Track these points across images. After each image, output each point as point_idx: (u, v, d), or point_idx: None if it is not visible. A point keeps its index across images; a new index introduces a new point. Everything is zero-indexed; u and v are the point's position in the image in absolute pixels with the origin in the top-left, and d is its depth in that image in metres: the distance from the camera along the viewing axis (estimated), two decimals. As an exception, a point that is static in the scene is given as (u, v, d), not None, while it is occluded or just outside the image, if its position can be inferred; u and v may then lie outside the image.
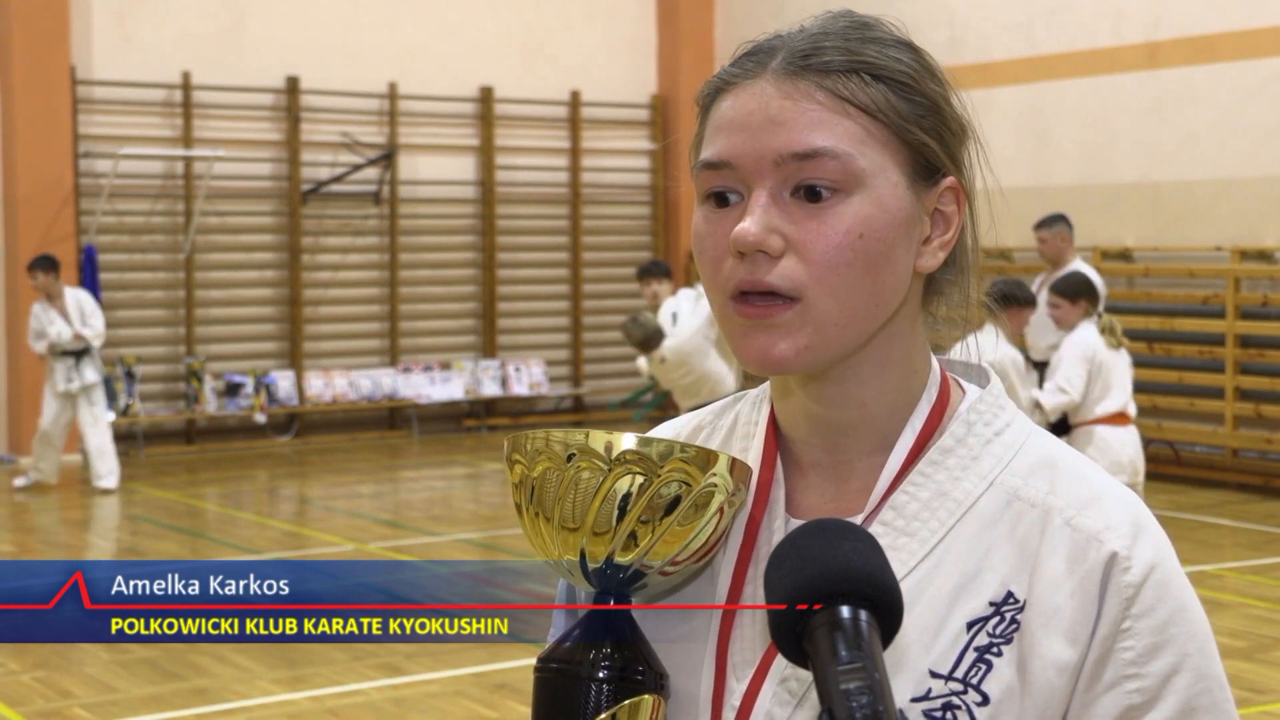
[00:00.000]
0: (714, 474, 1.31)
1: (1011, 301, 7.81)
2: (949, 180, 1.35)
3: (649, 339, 9.66)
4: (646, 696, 1.32)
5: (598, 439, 1.30)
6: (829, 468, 1.39)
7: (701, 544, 1.33)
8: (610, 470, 1.29)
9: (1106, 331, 7.85)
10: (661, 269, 10.85)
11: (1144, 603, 1.28)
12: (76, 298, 11.50)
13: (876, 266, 1.30)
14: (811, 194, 1.29)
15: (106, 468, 11.38)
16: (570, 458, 1.30)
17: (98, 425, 11.40)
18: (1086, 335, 7.79)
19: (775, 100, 1.30)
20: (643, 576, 1.33)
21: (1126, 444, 7.79)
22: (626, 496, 1.29)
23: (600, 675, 1.30)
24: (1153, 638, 1.27)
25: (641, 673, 1.32)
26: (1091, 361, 7.75)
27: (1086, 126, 12.53)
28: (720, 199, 1.33)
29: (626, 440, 1.30)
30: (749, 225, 1.28)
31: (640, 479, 1.29)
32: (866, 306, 1.30)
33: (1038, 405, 7.76)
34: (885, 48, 1.33)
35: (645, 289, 10.81)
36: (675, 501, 1.30)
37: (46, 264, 11.36)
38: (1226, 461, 11.52)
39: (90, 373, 11.45)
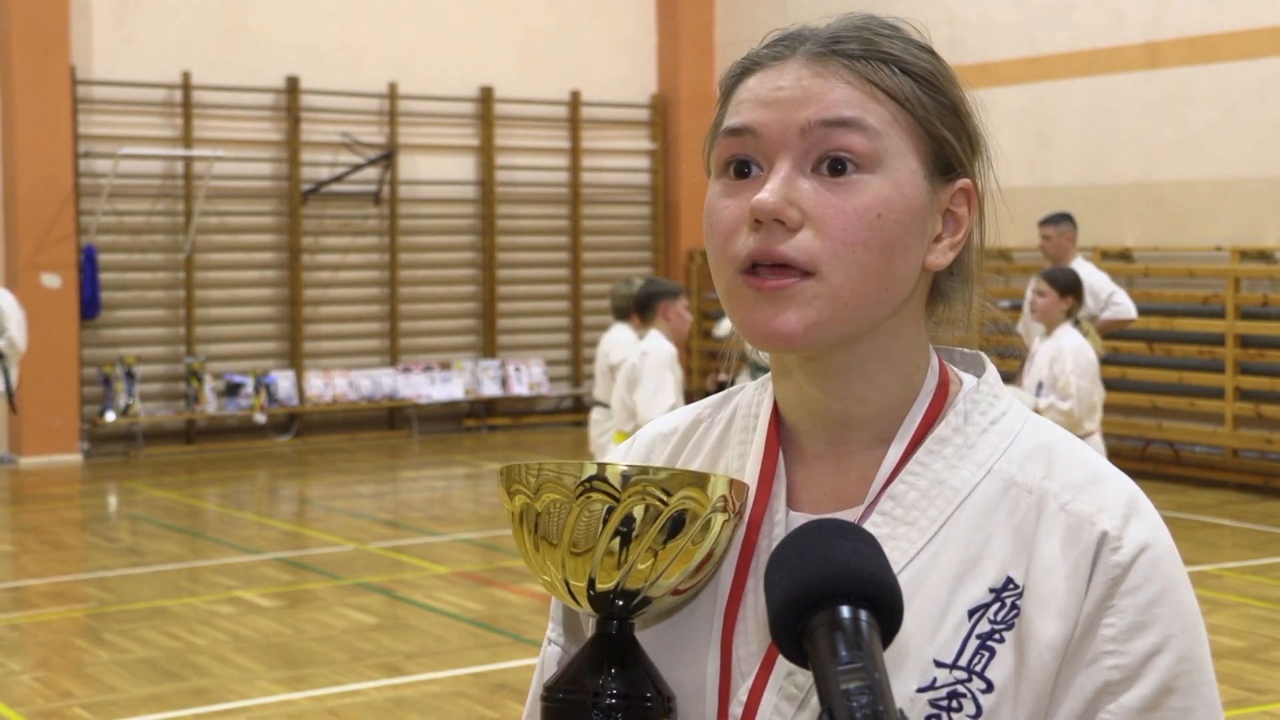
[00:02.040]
0: (720, 496, 1.31)
1: (661, 299, 7.73)
2: (963, 181, 1.37)
3: (617, 307, 8.76)
4: None
5: (591, 469, 1.29)
6: (831, 459, 1.39)
7: (697, 564, 1.33)
8: (620, 501, 1.29)
9: (1088, 337, 7.50)
10: None
11: (1131, 582, 1.28)
12: None
13: (890, 249, 1.31)
14: (834, 167, 1.30)
15: None
16: (579, 490, 1.29)
17: None
18: (1082, 343, 7.38)
19: (807, 77, 1.32)
20: (648, 601, 1.33)
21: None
22: (632, 524, 1.29)
23: (609, 703, 1.30)
24: (1136, 616, 1.28)
25: (650, 698, 1.32)
26: (1096, 375, 7.42)
27: (1086, 126, 12.53)
28: (739, 170, 1.34)
29: (623, 467, 1.30)
30: (768, 194, 1.29)
31: (647, 506, 1.29)
32: (877, 289, 1.31)
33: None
34: (910, 46, 1.37)
35: None
36: (680, 526, 1.30)
37: None
38: (1226, 461, 11.52)
39: None
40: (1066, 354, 7.39)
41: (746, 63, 1.37)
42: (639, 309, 7.89)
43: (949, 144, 1.35)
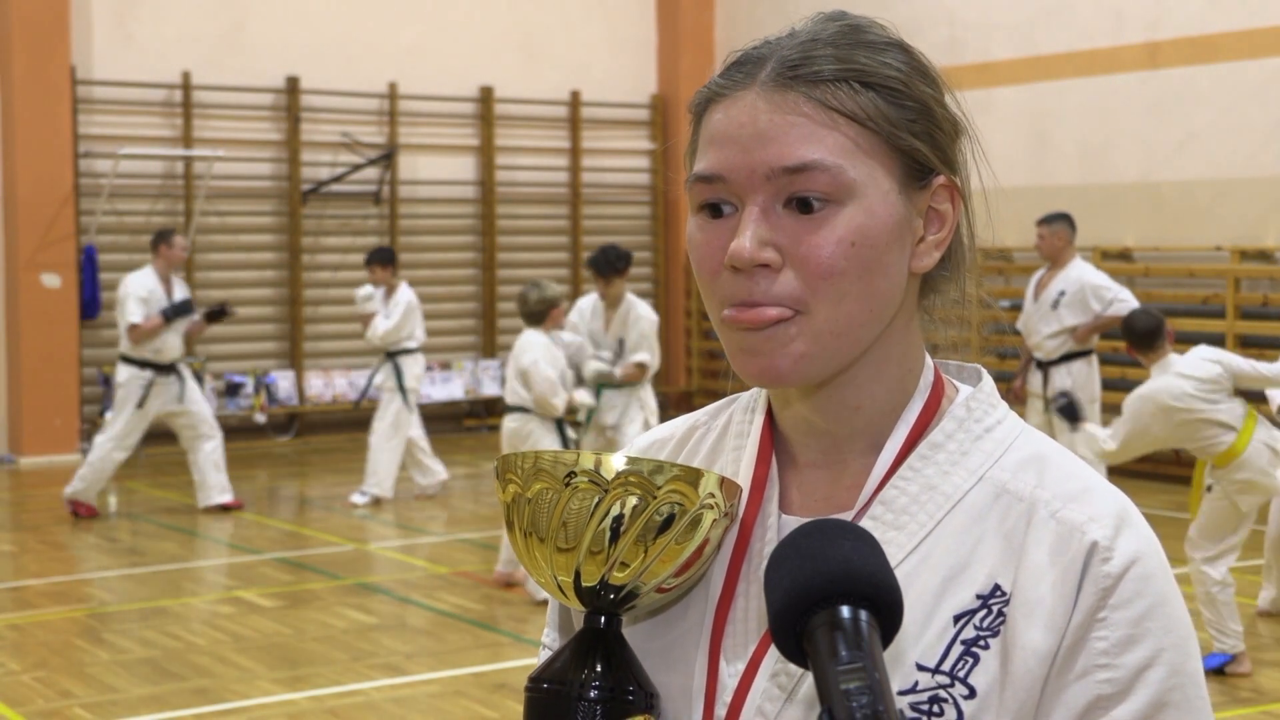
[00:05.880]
0: (709, 493, 1.31)
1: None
2: (941, 179, 1.35)
3: (532, 312, 8.74)
4: (638, 718, 1.32)
5: (588, 459, 1.30)
6: (824, 466, 1.40)
7: (685, 561, 1.33)
8: (608, 492, 1.29)
9: None
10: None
11: (1122, 594, 1.27)
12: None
13: (871, 274, 1.30)
14: (803, 205, 1.30)
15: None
16: (568, 479, 1.30)
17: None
18: None
19: (764, 114, 1.31)
20: (635, 596, 1.33)
21: None
22: (620, 518, 1.30)
23: (591, 695, 1.31)
24: (1128, 630, 1.27)
25: (632, 693, 1.32)
26: None
27: (1086, 126, 12.53)
28: (714, 210, 1.33)
29: (618, 460, 1.30)
30: (743, 243, 1.29)
31: (635, 500, 1.30)
32: (863, 314, 1.31)
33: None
34: (876, 52, 1.33)
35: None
36: (669, 521, 1.30)
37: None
38: (1226, 461, 11.50)
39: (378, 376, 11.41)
40: None
41: (709, 91, 1.36)
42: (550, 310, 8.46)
43: (919, 152, 1.33)
